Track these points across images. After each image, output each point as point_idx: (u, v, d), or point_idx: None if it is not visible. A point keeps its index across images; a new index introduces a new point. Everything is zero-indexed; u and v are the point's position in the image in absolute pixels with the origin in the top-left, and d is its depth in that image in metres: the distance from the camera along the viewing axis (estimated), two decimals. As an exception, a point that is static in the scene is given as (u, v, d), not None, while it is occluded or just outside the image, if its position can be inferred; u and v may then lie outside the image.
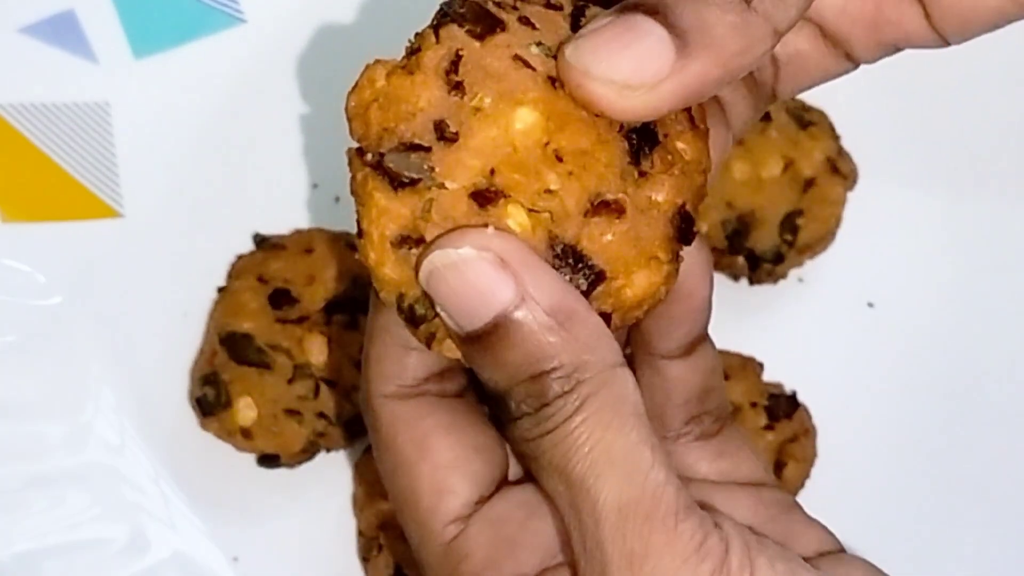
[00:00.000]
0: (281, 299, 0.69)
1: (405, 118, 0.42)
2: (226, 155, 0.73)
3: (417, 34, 0.43)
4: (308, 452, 0.69)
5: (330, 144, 0.75)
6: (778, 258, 0.72)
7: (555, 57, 0.42)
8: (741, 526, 0.44)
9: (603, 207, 0.42)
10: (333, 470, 0.70)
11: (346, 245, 0.71)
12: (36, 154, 0.71)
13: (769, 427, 0.69)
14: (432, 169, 0.41)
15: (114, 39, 0.73)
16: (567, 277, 0.42)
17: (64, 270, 0.70)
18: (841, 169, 0.72)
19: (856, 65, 0.50)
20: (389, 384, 0.46)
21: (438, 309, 0.42)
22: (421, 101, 0.42)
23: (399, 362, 0.46)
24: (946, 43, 0.48)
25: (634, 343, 0.49)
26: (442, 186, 0.41)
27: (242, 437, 0.68)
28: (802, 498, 0.69)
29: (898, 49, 0.49)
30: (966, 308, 0.74)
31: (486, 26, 0.42)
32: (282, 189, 0.73)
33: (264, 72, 0.74)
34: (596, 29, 0.41)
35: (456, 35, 0.42)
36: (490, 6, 0.42)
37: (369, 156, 0.42)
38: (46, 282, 0.70)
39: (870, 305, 0.74)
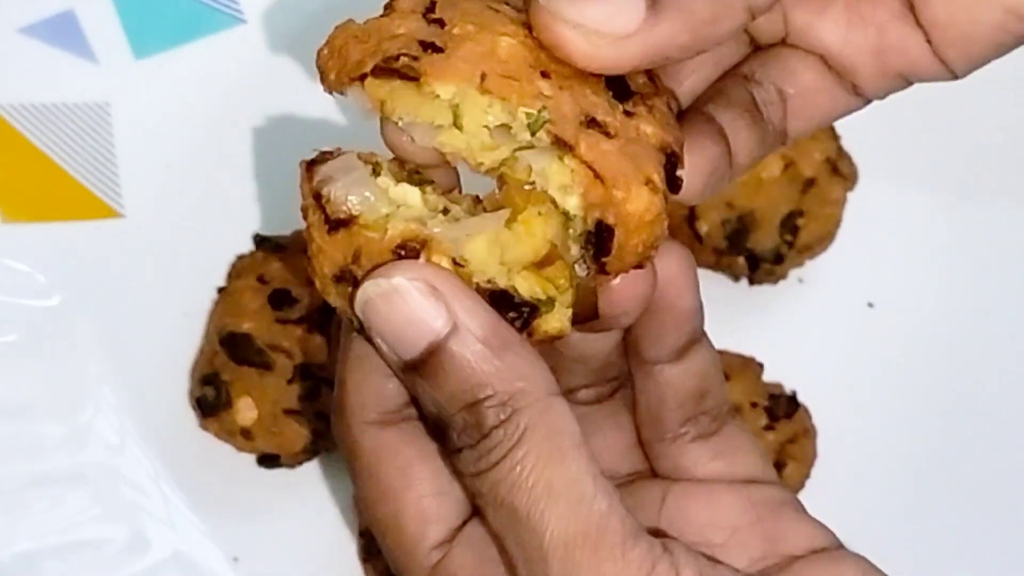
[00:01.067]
0: (281, 299, 0.69)
1: (387, 40, 0.42)
2: (226, 155, 0.73)
3: None
4: (308, 452, 0.69)
5: (330, 144, 0.75)
6: (778, 258, 0.72)
7: (522, 12, 0.42)
8: (693, 552, 0.44)
9: (594, 124, 0.41)
10: (333, 470, 0.70)
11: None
12: (36, 154, 0.71)
13: (769, 427, 0.69)
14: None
15: (114, 39, 0.73)
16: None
17: (64, 270, 0.70)
18: (841, 169, 0.72)
19: (866, 100, 0.49)
20: (370, 411, 0.46)
21: (375, 339, 0.42)
22: (401, 28, 0.42)
23: (380, 389, 0.46)
24: (953, 74, 0.47)
25: (627, 348, 0.49)
26: (368, 227, 0.41)
27: (242, 437, 0.68)
28: (802, 498, 0.69)
29: (906, 81, 0.48)
30: (966, 308, 0.74)
31: None
32: (282, 189, 0.73)
33: (264, 72, 0.74)
34: None
35: None
36: None
37: (314, 183, 0.42)
38: (46, 282, 0.70)
39: (870, 305, 0.74)
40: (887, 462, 0.71)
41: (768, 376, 0.70)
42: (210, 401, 0.68)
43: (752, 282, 0.73)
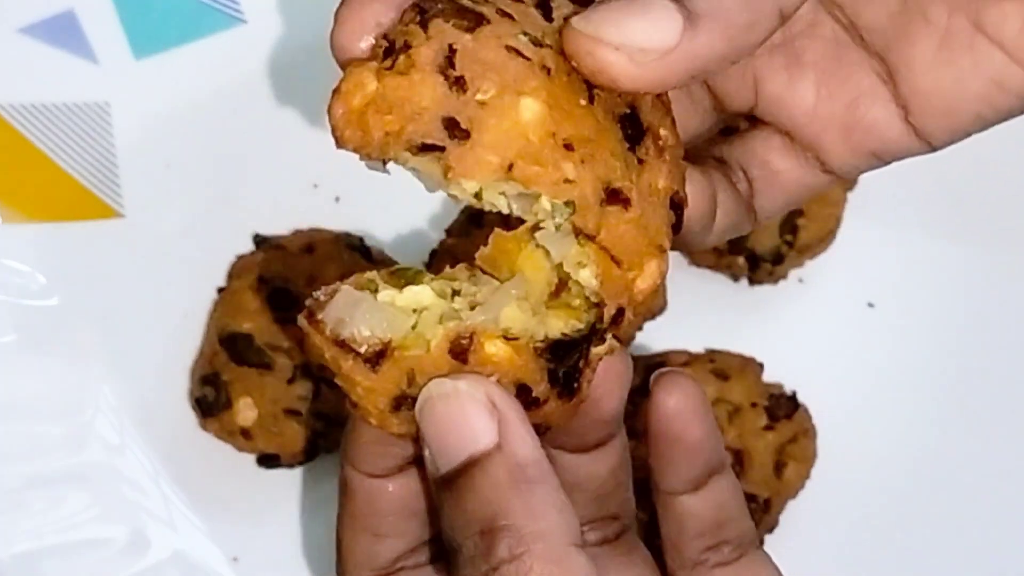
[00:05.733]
0: (281, 299, 0.69)
1: (411, 119, 0.41)
2: (226, 155, 0.73)
3: (398, 31, 0.42)
4: (308, 452, 0.69)
5: (330, 144, 0.75)
6: (778, 258, 0.72)
7: (540, 45, 0.41)
8: None
9: (614, 196, 0.41)
10: (333, 470, 0.70)
11: (346, 246, 0.71)
12: (36, 154, 0.71)
13: (769, 427, 0.69)
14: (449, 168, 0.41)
15: (114, 39, 0.73)
16: (560, 369, 0.42)
17: (64, 270, 0.70)
18: (841, 169, 0.72)
19: (836, 177, 0.48)
20: (363, 570, 0.47)
21: (422, 446, 0.42)
22: (424, 99, 0.41)
23: (370, 549, 0.46)
24: (930, 146, 0.47)
25: (649, 478, 0.49)
26: (407, 346, 0.41)
27: (242, 437, 0.68)
28: (802, 498, 0.69)
29: (879, 160, 0.48)
30: (966, 308, 0.74)
31: (473, 19, 0.41)
32: (282, 189, 0.73)
33: (264, 72, 0.74)
34: (604, 2, 0.40)
35: (445, 30, 0.41)
36: (465, 1, 0.42)
37: (328, 332, 0.42)
38: (46, 282, 0.70)
39: (870, 305, 0.74)
40: (887, 462, 0.71)
41: (768, 376, 0.70)
42: (210, 401, 0.68)
43: (752, 282, 0.73)
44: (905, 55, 0.45)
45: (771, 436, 0.69)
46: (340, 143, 0.42)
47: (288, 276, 0.70)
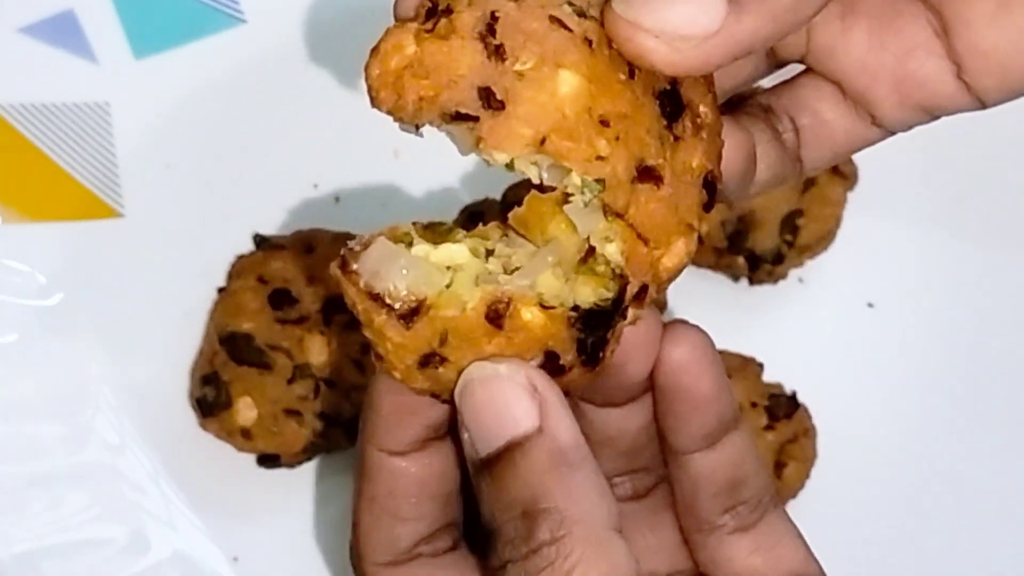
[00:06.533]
0: (281, 299, 0.69)
1: (446, 85, 0.40)
2: (226, 155, 0.73)
3: None
4: (308, 452, 0.69)
5: (330, 144, 0.75)
6: (778, 258, 0.72)
7: (584, 16, 0.41)
8: None
9: (646, 174, 0.41)
10: (333, 470, 0.70)
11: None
12: (36, 154, 0.71)
13: (769, 427, 0.69)
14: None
15: (114, 39, 0.73)
16: (589, 339, 0.42)
17: (64, 270, 0.70)
18: (841, 169, 0.72)
19: (886, 132, 0.47)
20: (382, 554, 0.46)
21: (462, 429, 0.42)
22: (462, 67, 0.40)
23: (390, 532, 0.46)
24: (982, 103, 0.46)
25: (659, 437, 0.48)
26: (442, 306, 0.40)
27: (242, 437, 0.68)
28: (802, 498, 0.69)
29: (929, 115, 0.47)
30: (966, 308, 0.74)
31: None
32: (282, 189, 0.73)
33: (264, 72, 0.74)
34: None
35: None
36: None
37: (362, 284, 0.41)
38: (46, 282, 0.70)
39: (870, 305, 0.74)
40: (887, 462, 0.71)
41: (768, 376, 0.70)
42: (210, 401, 0.68)
43: (752, 282, 0.73)
44: (963, 10, 0.44)
45: (771, 436, 0.69)
46: (375, 103, 0.41)
47: (288, 276, 0.70)
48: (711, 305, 0.73)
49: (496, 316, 0.41)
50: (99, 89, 0.73)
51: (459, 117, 0.40)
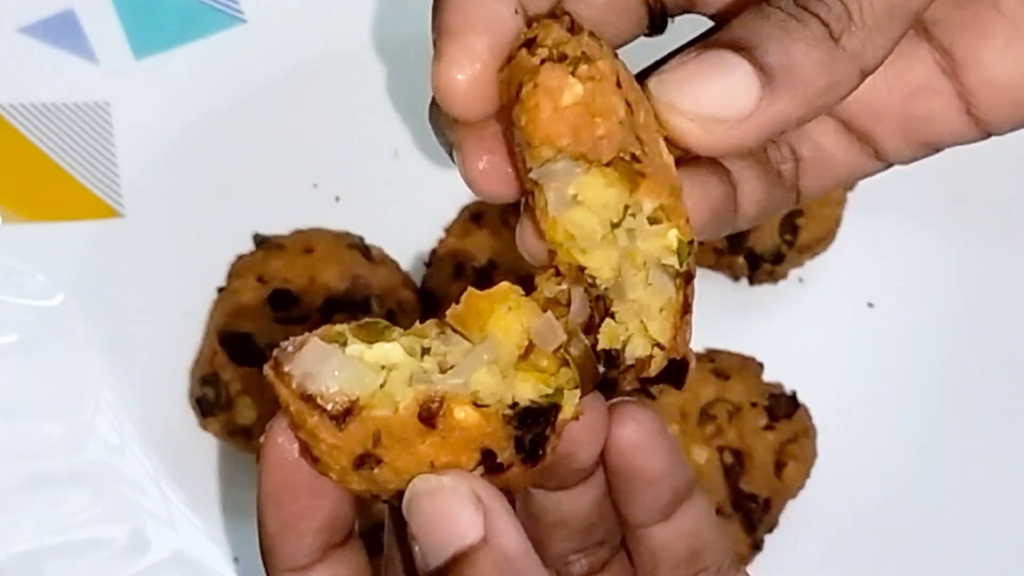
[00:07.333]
0: (281, 299, 0.69)
1: (617, 126, 0.40)
2: (226, 155, 0.73)
3: (541, 26, 0.40)
4: (308, 452, 0.69)
5: (330, 144, 0.75)
6: (778, 258, 0.72)
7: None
8: None
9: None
10: (333, 470, 0.70)
11: (346, 246, 0.71)
12: (36, 154, 0.71)
13: (769, 427, 0.69)
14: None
15: (114, 39, 0.73)
16: (527, 437, 0.41)
17: (64, 270, 0.70)
18: (841, 169, 0.72)
19: (888, 164, 0.47)
20: (289, 560, 0.45)
21: (412, 544, 0.41)
22: (621, 111, 0.40)
23: (292, 534, 0.44)
24: (988, 135, 0.45)
25: (616, 511, 0.48)
26: (374, 406, 0.40)
27: (242, 437, 0.68)
28: (802, 498, 0.69)
29: (934, 149, 0.47)
30: (966, 308, 0.74)
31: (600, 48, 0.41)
32: (282, 189, 0.73)
33: (264, 72, 0.74)
34: (682, 63, 0.40)
35: (590, 44, 0.40)
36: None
37: (294, 385, 0.41)
38: (46, 282, 0.70)
39: (870, 305, 0.74)
40: (887, 462, 0.71)
41: (768, 376, 0.70)
42: (210, 401, 0.68)
43: (752, 282, 0.73)
44: (973, 47, 0.44)
45: (771, 436, 0.69)
46: (549, 141, 0.40)
47: (288, 276, 0.70)
48: (711, 305, 0.73)
49: (429, 415, 0.40)
50: (99, 89, 0.73)
51: (627, 160, 0.40)
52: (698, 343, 0.71)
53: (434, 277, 0.72)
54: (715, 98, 0.39)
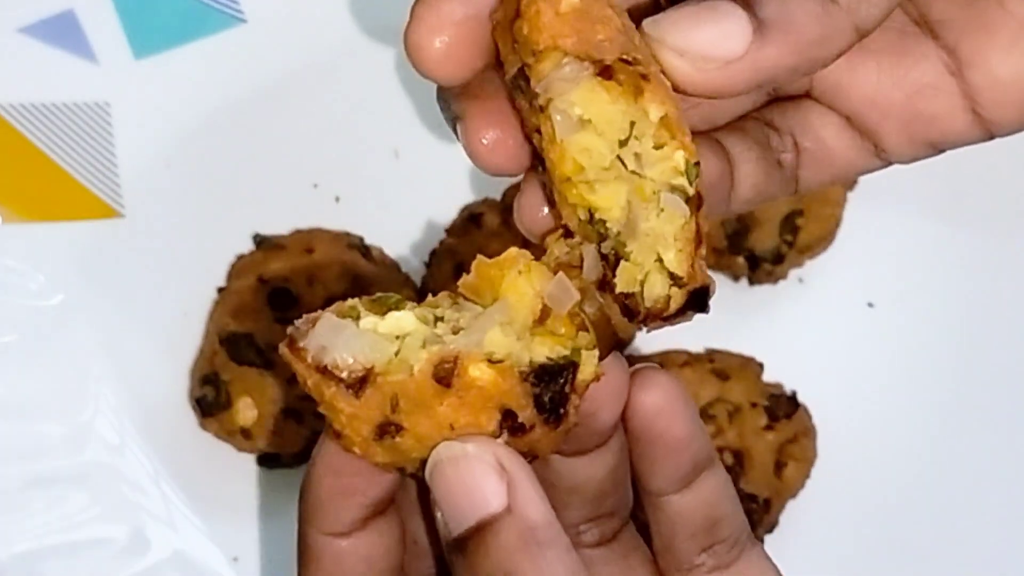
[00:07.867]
0: (281, 299, 0.69)
1: (619, 32, 0.40)
2: (226, 155, 0.73)
3: None
4: (308, 452, 0.69)
5: (330, 144, 0.75)
6: (778, 258, 0.72)
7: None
8: None
9: None
10: (333, 470, 0.70)
11: (346, 246, 0.71)
12: (36, 154, 0.71)
13: (769, 427, 0.69)
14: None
15: (114, 39, 0.73)
16: (546, 395, 0.41)
17: (64, 270, 0.70)
18: (841, 169, 0.72)
19: (889, 162, 0.47)
20: (333, 524, 0.45)
21: (435, 511, 0.42)
22: (618, 23, 0.40)
23: (343, 503, 0.45)
24: (992, 135, 0.46)
25: (635, 480, 0.48)
26: (390, 371, 0.40)
27: (242, 437, 0.68)
28: (802, 498, 0.69)
29: (937, 149, 0.47)
30: (966, 308, 0.74)
31: None
32: (282, 189, 0.73)
33: (264, 72, 0.74)
34: (678, 8, 0.40)
35: None
36: None
37: (310, 359, 0.41)
38: (46, 282, 0.70)
39: (870, 305, 0.74)
40: (887, 462, 0.71)
41: (768, 376, 0.70)
42: (210, 401, 0.68)
43: (752, 282, 0.73)
44: (980, 46, 0.44)
45: (771, 436, 0.69)
46: (552, 43, 0.40)
47: (288, 276, 0.70)
48: (711, 305, 0.73)
49: (444, 375, 0.40)
50: (99, 89, 0.73)
51: (629, 63, 0.40)
52: (698, 343, 0.71)
53: (434, 277, 0.72)
54: (706, 37, 0.39)
